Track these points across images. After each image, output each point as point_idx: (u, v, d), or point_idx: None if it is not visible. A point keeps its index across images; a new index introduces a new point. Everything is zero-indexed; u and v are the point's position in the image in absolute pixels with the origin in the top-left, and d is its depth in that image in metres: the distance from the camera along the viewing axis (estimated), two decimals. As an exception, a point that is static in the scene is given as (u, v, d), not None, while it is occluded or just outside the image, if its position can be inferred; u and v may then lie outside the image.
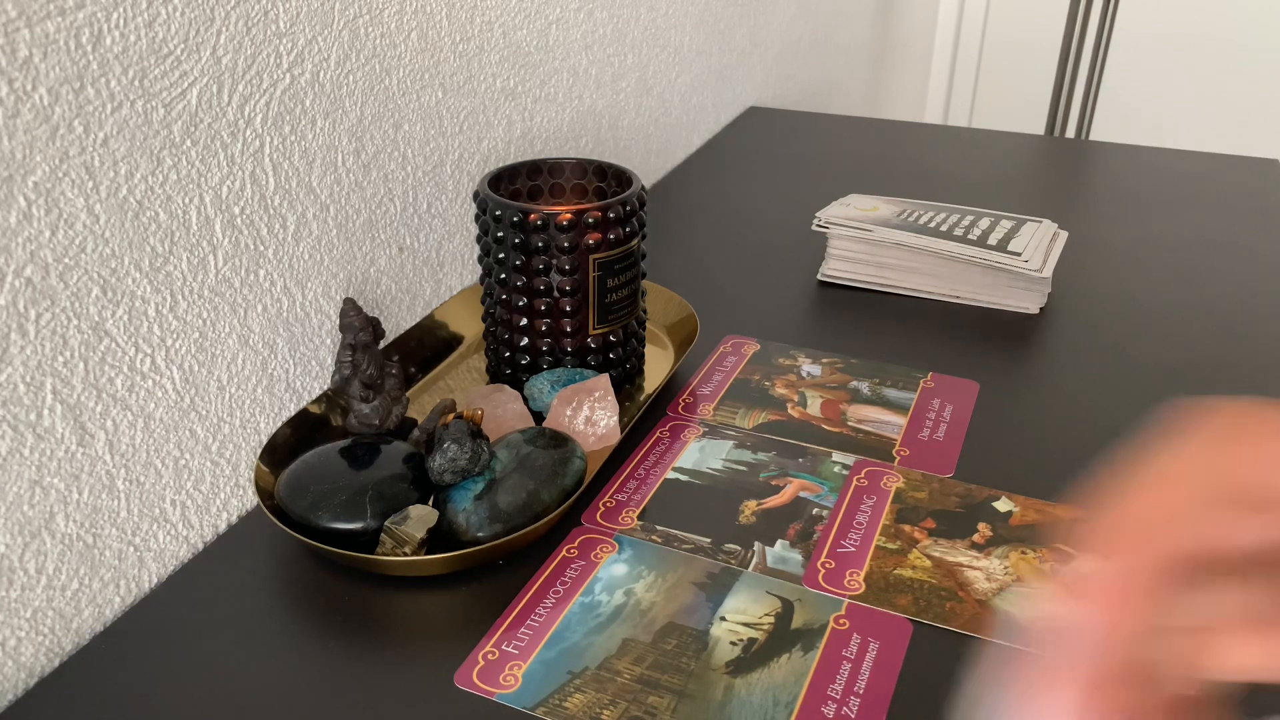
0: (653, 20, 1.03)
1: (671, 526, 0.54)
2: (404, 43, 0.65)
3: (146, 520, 0.52)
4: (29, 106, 0.42)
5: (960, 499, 0.57)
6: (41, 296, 0.44)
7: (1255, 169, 1.11)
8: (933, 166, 1.11)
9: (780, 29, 1.46)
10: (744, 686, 0.45)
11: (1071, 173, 1.10)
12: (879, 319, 0.77)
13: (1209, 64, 2.59)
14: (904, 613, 0.49)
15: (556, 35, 0.84)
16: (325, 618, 0.49)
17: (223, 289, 0.54)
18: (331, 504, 0.50)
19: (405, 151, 0.67)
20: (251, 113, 0.54)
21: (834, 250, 0.82)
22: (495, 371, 0.67)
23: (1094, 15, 2.13)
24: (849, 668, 0.46)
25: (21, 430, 0.44)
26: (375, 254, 0.66)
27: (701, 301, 0.80)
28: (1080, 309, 0.79)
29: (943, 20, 2.78)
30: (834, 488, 0.58)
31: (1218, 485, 0.25)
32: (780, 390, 0.67)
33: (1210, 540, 0.25)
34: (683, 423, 0.64)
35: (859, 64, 2.02)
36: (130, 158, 0.47)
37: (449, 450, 0.52)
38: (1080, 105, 2.16)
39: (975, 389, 0.68)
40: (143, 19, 0.46)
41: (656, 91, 1.07)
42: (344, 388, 0.55)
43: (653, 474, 0.59)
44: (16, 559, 0.45)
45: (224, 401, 0.55)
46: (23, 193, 0.43)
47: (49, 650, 0.47)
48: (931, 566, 0.52)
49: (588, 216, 0.60)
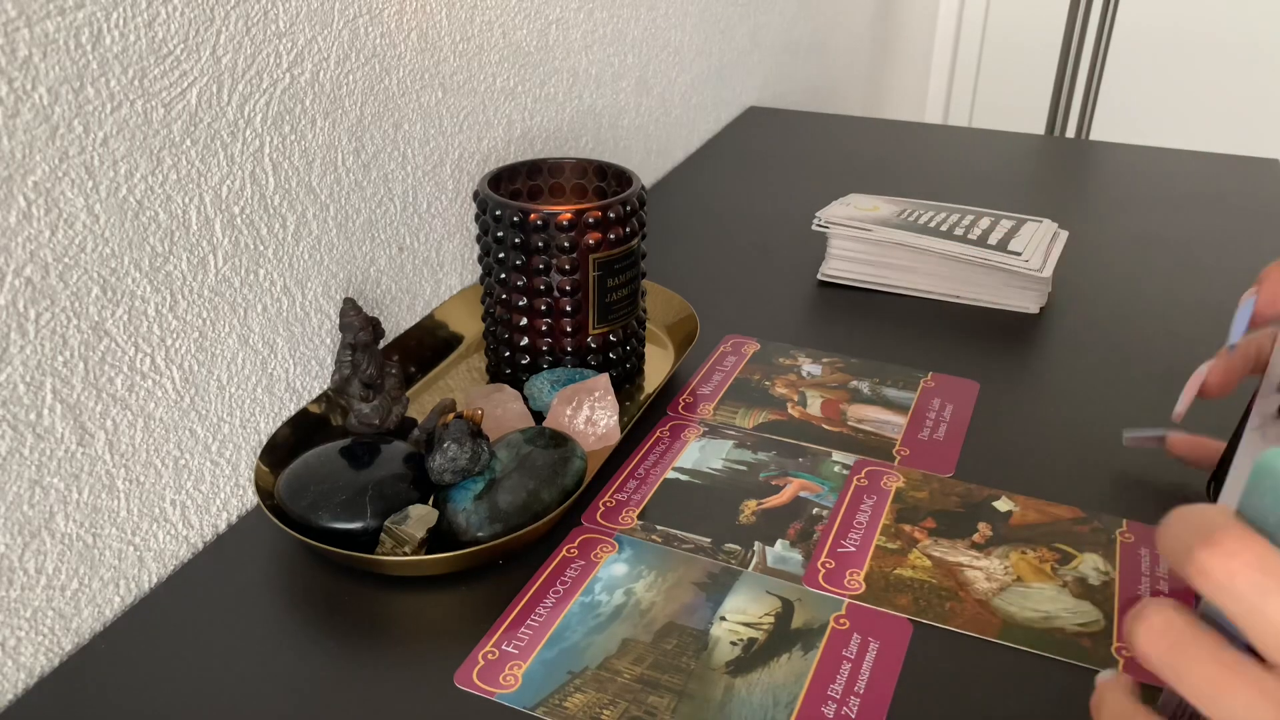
0: (653, 20, 1.03)
1: (672, 526, 0.54)
2: (404, 43, 0.65)
3: (146, 520, 0.52)
4: (29, 106, 0.42)
5: (960, 499, 0.57)
6: (41, 296, 0.44)
7: (1255, 169, 1.11)
8: (933, 166, 1.11)
9: (780, 29, 1.46)
10: (744, 686, 0.45)
11: (1071, 173, 1.10)
12: (879, 319, 0.77)
13: (1209, 64, 2.59)
14: (904, 612, 0.49)
15: (556, 35, 0.84)
16: (325, 618, 0.49)
17: (223, 289, 0.54)
18: (331, 504, 0.50)
19: (405, 151, 0.67)
20: (251, 112, 0.54)
21: (834, 250, 0.82)
22: (495, 371, 0.67)
23: (1094, 15, 2.13)
24: (849, 668, 0.46)
25: (21, 430, 0.44)
26: (375, 254, 0.66)
27: (701, 301, 0.80)
28: (1080, 309, 0.79)
29: (943, 20, 2.78)
30: (834, 487, 0.58)
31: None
32: (780, 390, 0.67)
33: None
34: (683, 422, 0.64)
35: (859, 64, 2.02)
36: (130, 157, 0.47)
37: (449, 450, 0.52)
38: (1080, 105, 2.16)
39: (975, 389, 0.68)
40: (143, 19, 0.46)
41: (656, 91, 1.07)
42: (344, 388, 0.55)
43: (653, 474, 0.59)
44: (16, 559, 0.45)
45: (224, 401, 0.55)
46: (23, 192, 0.43)
47: (49, 650, 0.47)
48: (931, 566, 0.52)
49: (588, 216, 0.60)
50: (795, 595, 0.50)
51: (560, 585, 0.50)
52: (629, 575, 0.51)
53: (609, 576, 0.51)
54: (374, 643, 0.47)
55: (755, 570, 0.51)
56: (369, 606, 0.49)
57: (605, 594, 0.50)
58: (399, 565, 0.49)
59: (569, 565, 0.52)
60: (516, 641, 0.47)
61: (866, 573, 0.51)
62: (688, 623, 0.48)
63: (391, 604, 0.49)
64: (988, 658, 0.46)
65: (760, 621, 0.48)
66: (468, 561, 0.50)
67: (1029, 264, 0.76)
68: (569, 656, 0.46)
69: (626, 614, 0.49)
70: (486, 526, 0.51)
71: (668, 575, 0.51)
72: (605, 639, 0.47)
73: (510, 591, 0.50)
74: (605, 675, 0.45)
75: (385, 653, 0.47)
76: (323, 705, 0.44)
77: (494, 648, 0.47)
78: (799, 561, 0.52)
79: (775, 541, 0.53)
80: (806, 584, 0.50)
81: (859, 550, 0.53)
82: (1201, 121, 2.65)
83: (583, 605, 0.49)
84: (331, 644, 0.47)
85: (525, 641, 0.47)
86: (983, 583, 0.51)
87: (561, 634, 0.47)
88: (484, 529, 0.51)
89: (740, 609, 0.49)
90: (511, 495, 0.52)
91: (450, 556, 0.49)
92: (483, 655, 0.46)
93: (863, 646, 0.47)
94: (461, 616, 0.49)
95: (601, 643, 0.47)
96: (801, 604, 0.49)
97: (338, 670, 0.46)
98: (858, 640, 0.47)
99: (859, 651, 0.46)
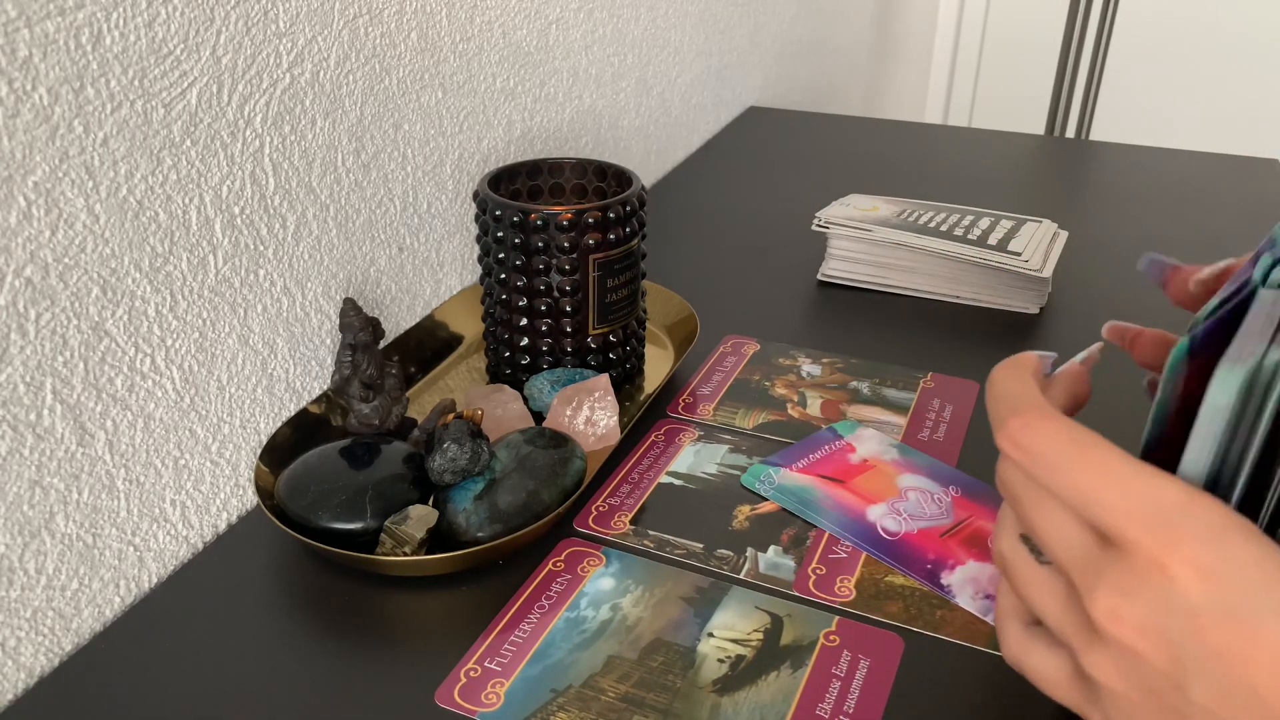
0: (653, 20, 1.03)
1: (664, 532, 0.54)
2: (404, 43, 0.65)
3: (146, 520, 0.52)
4: (29, 106, 0.42)
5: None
6: (41, 296, 0.44)
7: (1255, 169, 1.11)
8: (933, 166, 1.11)
9: (780, 29, 1.46)
10: (731, 706, 0.44)
11: (1071, 173, 1.10)
12: (879, 319, 0.77)
13: (1209, 64, 2.59)
14: (894, 619, 0.48)
15: (556, 35, 0.84)
16: (325, 618, 0.49)
17: (223, 289, 0.54)
18: (331, 504, 0.50)
19: (405, 151, 0.67)
20: (251, 112, 0.54)
21: (834, 250, 0.82)
22: (495, 371, 0.67)
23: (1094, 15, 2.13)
24: (838, 686, 0.45)
25: (21, 430, 0.44)
26: (375, 254, 0.66)
27: (701, 301, 0.80)
28: (1080, 309, 0.79)
29: (943, 20, 2.78)
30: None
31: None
32: (780, 390, 0.67)
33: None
34: (678, 426, 0.64)
35: (859, 64, 2.02)
36: (130, 158, 0.47)
37: (449, 450, 0.52)
38: (1080, 105, 2.16)
39: (975, 389, 0.68)
40: (143, 19, 0.46)
41: (656, 91, 1.07)
42: (344, 388, 0.55)
43: (646, 478, 0.58)
44: (16, 559, 0.45)
45: (224, 401, 0.55)
46: (23, 193, 0.43)
47: (49, 650, 0.47)
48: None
49: (588, 216, 0.60)
50: (785, 611, 0.49)
51: (545, 600, 0.49)
52: (616, 590, 0.50)
53: (595, 591, 0.50)
54: (366, 647, 0.47)
55: (747, 576, 0.51)
56: (368, 607, 0.49)
57: (591, 609, 0.49)
58: (399, 565, 0.49)
59: (555, 579, 0.51)
60: (499, 658, 0.46)
61: (857, 579, 0.51)
62: (675, 639, 0.47)
63: (391, 604, 0.49)
64: (978, 667, 0.46)
65: (748, 638, 0.47)
66: (467, 562, 0.50)
67: (1029, 264, 0.76)
68: (553, 674, 0.45)
69: (612, 630, 0.48)
70: (486, 527, 0.51)
71: (655, 590, 0.50)
72: (590, 656, 0.46)
73: (502, 600, 0.50)
74: (589, 694, 0.44)
75: (379, 656, 0.47)
76: (322, 705, 0.44)
77: (476, 664, 0.46)
78: (791, 568, 0.51)
79: (768, 547, 0.53)
80: (797, 590, 0.50)
81: (850, 557, 0.52)
82: (1201, 121, 2.65)
83: (568, 621, 0.48)
84: (331, 644, 0.47)
85: (508, 658, 0.46)
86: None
87: (545, 651, 0.46)
88: (484, 529, 0.51)
89: (728, 625, 0.48)
90: (511, 495, 0.52)
91: (450, 557, 0.49)
92: (465, 672, 0.45)
93: (853, 664, 0.46)
94: (460, 618, 0.49)
95: (586, 660, 0.46)
96: (791, 620, 0.48)
97: (332, 673, 0.46)
98: (848, 657, 0.46)
99: (849, 669, 0.45)
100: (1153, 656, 0.29)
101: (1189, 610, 0.28)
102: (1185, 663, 0.28)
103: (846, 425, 0.63)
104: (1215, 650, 0.28)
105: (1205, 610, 0.28)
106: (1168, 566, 0.28)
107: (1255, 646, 0.27)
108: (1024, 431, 0.32)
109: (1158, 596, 0.29)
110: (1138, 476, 0.30)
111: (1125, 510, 0.29)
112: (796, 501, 0.56)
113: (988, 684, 0.45)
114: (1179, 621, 0.28)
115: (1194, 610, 0.28)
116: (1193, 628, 0.28)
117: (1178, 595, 0.28)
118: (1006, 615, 0.37)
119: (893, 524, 0.54)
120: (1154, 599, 0.29)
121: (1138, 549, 0.29)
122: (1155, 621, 0.29)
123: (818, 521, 0.54)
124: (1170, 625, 0.29)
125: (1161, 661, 0.29)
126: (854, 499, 0.56)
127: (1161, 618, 0.29)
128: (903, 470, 0.58)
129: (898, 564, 0.51)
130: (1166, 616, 0.29)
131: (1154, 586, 0.29)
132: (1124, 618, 0.29)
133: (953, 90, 2.88)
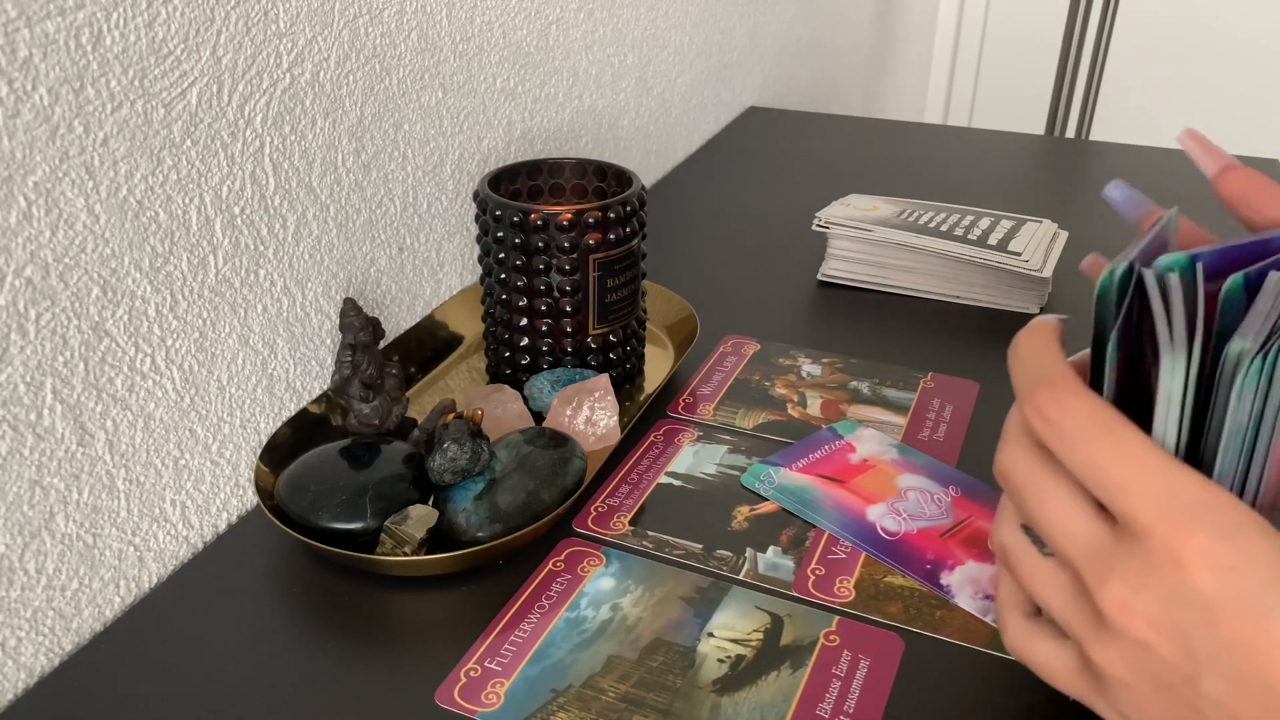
0: (653, 20, 1.03)
1: (663, 532, 0.54)
2: (404, 43, 0.65)
3: (146, 520, 0.52)
4: (29, 106, 0.42)
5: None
6: (41, 296, 0.44)
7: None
8: (933, 166, 1.11)
9: (780, 29, 1.46)
10: (731, 706, 0.44)
11: (1071, 173, 1.10)
12: (879, 319, 0.77)
13: (1209, 64, 2.59)
14: (894, 620, 0.48)
15: (556, 35, 0.84)
16: (325, 618, 0.49)
17: (223, 289, 0.54)
18: (331, 504, 0.50)
19: (405, 151, 0.67)
20: (251, 113, 0.54)
21: (834, 250, 0.82)
22: (495, 371, 0.67)
23: (1094, 15, 2.13)
24: (839, 686, 0.45)
25: (21, 430, 0.44)
26: (375, 254, 0.66)
27: (701, 301, 0.80)
28: (1080, 309, 0.79)
29: (943, 20, 2.78)
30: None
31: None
32: (780, 390, 0.67)
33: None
34: (677, 426, 0.64)
35: (859, 64, 2.02)
36: (130, 158, 0.47)
37: (449, 450, 0.52)
38: (1080, 105, 2.16)
39: (975, 389, 0.68)
40: (143, 19, 0.46)
41: (656, 91, 1.07)
42: (344, 388, 0.55)
43: (646, 478, 0.58)
44: (16, 559, 0.45)
45: (224, 401, 0.55)
46: (23, 193, 0.43)
47: (49, 650, 0.47)
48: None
49: (588, 216, 0.60)
50: (785, 611, 0.49)
51: (546, 600, 0.49)
52: (616, 590, 0.50)
53: (595, 591, 0.50)
54: (371, 646, 0.47)
55: (746, 577, 0.51)
56: (368, 607, 0.49)
57: (591, 609, 0.49)
58: (399, 565, 0.49)
59: (555, 579, 0.51)
60: (499, 658, 0.46)
61: (857, 580, 0.51)
62: (675, 639, 0.47)
63: (391, 604, 0.49)
64: (978, 667, 0.46)
65: (749, 638, 0.47)
66: (467, 562, 0.50)
67: (1029, 264, 0.76)
68: (552, 674, 0.45)
69: (612, 630, 0.48)
70: (486, 527, 0.51)
71: (655, 590, 0.50)
72: (590, 656, 0.46)
73: (502, 600, 0.50)
74: (589, 694, 0.44)
75: (379, 656, 0.47)
76: (322, 705, 0.44)
77: (476, 664, 0.46)
78: (790, 569, 0.51)
79: (767, 548, 0.53)
80: (796, 590, 0.50)
81: (850, 557, 0.52)
82: (1201, 121, 2.65)
83: (568, 621, 0.48)
84: (331, 644, 0.47)
85: (509, 658, 0.46)
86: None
87: (546, 650, 0.46)
88: (484, 529, 0.51)
89: (728, 625, 0.48)
90: (511, 495, 0.52)
91: (450, 557, 0.49)
92: (464, 672, 0.45)
93: (853, 664, 0.46)
94: (459, 620, 0.49)
95: (586, 660, 0.46)
96: (791, 620, 0.48)
97: (334, 672, 0.46)
98: (848, 657, 0.46)
99: (849, 669, 0.45)
100: (1164, 649, 0.29)
101: (1202, 603, 0.28)
102: (1197, 655, 0.28)
103: (846, 425, 0.63)
104: (1228, 643, 0.28)
105: (1219, 604, 0.28)
106: (1182, 559, 0.28)
107: (1269, 640, 0.27)
108: (1053, 405, 0.32)
109: (1170, 589, 0.29)
110: (1160, 464, 0.30)
111: (1141, 495, 0.29)
112: (796, 501, 0.56)
113: (988, 684, 0.45)
114: (1191, 614, 0.28)
115: (1207, 603, 0.28)
116: (1205, 620, 0.28)
117: (1191, 588, 0.28)
118: (1007, 606, 0.37)
119: (892, 524, 0.54)
120: (1166, 591, 0.29)
121: (1151, 538, 0.29)
122: (1167, 614, 0.29)
123: (817, 521, 0.54)
124: (1182, 618, 0.29)
125: (1172, 654, 0.29)
126: (854, 499, 0.56)
127: (1174, 610, 0.29)
128: (902, 470, 0.58)
129: (897, 564, 0.51)
130: (1179, 609, 0.29)
131: (1166, 579, 0.29)
132: (1135, 609, 0.29)
133: (953, 90, 2.88)
